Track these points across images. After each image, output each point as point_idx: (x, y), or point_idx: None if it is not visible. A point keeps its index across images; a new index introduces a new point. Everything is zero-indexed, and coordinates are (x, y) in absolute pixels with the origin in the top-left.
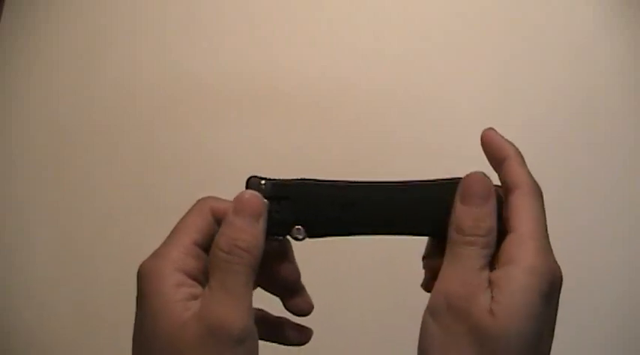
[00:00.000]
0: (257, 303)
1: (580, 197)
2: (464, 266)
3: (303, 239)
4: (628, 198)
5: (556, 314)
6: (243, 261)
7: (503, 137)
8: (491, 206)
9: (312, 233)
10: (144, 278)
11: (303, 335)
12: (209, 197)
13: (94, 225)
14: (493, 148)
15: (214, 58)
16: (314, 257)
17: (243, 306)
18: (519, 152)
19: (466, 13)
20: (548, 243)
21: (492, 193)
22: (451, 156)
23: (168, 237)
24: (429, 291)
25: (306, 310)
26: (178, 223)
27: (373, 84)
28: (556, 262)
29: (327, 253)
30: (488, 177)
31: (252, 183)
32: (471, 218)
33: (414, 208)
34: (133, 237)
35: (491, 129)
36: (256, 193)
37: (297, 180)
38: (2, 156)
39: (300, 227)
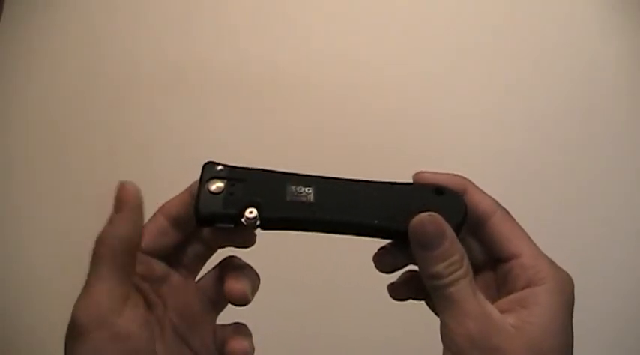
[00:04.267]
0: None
1: (580, 197)
2: (465, 303)
3: (255, 226)
4: (629, 198)
5: None
6: (102, 254)
7: (439, 172)
8: (451, 236)
9: (265, 219)
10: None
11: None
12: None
13: (93, 225)
14: (445, 184)
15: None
16: (313, 258)
17: (91, 297)
18: (468, 179)
19: (465, 13)
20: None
21: (444, 225)
22: (451, 156)
23: None
24: (397, 298)
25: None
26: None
27: (370, 83)
28: (564, 270)
29: (328, 255)
30: (432, 213)
31: (207, 167)
32: (440, 259)
33: (378, 204)
34: None
35: (423, 171)
36: (127, 184)
37: (257, 167)
38: (2, 157)
39: (252, 210)
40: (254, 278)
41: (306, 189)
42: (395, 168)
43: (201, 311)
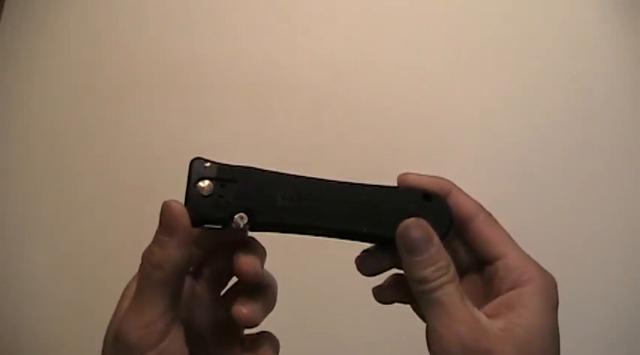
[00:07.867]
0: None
1: (580, 198)
2: (453, 308)
3: (245, 229)
4: (629, 199)
5: None
6: (152, 276)
7: (424, 175)
8: (437, 241)
9: (256, 222)
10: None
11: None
12: None
13: (93, 225)
14: (430, 187)
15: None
16: (313, 260)
17: (144, 319)
18: (452, 182)
19: (465, 14)
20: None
21: (430, 230)
22: (451, 156)
23: None
24: (382, 302)
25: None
26: None
27: (371, 84)
28: (548, 272)
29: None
30: (419, 218)
31: (195, 165)
32: (427, 264)
33: (367, 209)
34: (134, 236)
35: (407, 173)
36: (174, 204)
37: (246, 166)
38: (2, 157)
39: (242, 215)
40: (265, 301)
41: (297, 194)
42: (394, 168)
43: (227, 324)
